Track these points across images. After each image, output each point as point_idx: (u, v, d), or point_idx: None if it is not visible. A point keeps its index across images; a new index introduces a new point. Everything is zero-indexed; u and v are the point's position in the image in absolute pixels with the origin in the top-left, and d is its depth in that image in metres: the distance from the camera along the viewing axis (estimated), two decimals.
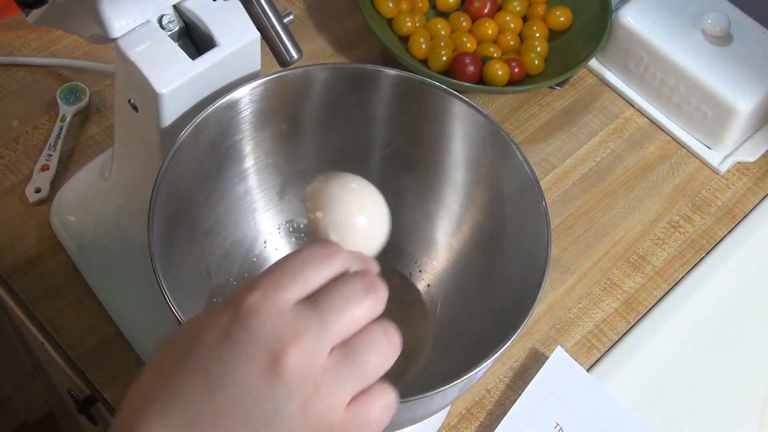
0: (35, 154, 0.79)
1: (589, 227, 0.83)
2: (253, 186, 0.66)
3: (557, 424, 0.71)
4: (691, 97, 0.86)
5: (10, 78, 0.84)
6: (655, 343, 0.77)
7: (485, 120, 0.60)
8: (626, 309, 0.79)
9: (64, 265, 0.74)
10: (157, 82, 0.55)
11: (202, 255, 0.63)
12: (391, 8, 0.88)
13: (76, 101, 0.82)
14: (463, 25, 0.89)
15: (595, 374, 0.74)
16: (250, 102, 0.59)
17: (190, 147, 0.56)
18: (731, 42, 0.86)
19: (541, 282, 0.53)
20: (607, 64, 0.92)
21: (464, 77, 0.83)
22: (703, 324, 0.78)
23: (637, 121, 0.90)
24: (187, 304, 0.57)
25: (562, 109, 0.90)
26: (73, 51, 0.86)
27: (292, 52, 0.50)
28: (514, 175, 0.59)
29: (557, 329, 0.77)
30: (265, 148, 0.64)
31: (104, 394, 0.69)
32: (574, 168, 0.86)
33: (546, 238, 0.55)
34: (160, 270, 0.50)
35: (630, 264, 0.81)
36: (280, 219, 0.68)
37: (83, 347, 0.70)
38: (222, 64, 0.57)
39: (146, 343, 0.70)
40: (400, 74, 0.61)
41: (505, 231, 0.62)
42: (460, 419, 0.71)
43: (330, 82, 0.61)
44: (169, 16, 0.57)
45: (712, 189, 0.87)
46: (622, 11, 0.88)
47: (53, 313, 0.72)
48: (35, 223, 0.76)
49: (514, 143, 0.58)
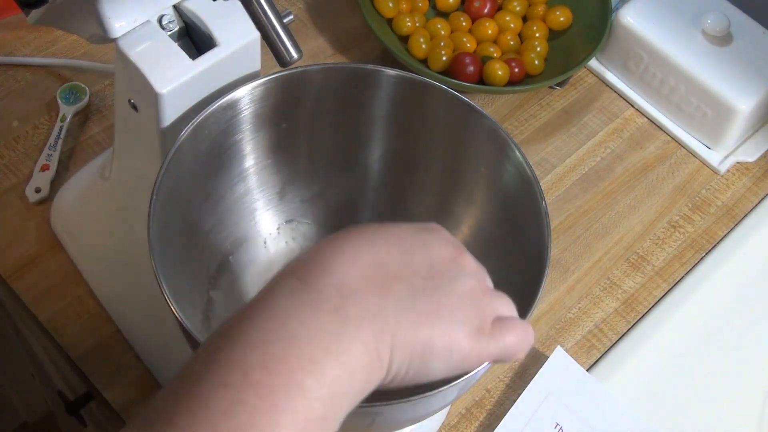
0: (35, 154, 0.79)
1: (589, 227, 0.83)
2: (253, 186, 0.66)
3: (557, 424, 0.71)
4: (691, 97, 0.86)
5: (10, 78, 0.84)
6: (655, 343, 0.77)
7: (485, 120, 0.60)
8: (626, 309, 0.79)
9: (64, 265, 0.73)
10: (157, 82, 0.55)
11: (202, 255, 0.63)
12: (391, 8, 0.88)
13: (76, 101, 0.82)
14: (463, 25, 0.89)
15: (595, 374, 0.74)
16: (250, 102, 0.59)
17: (190, 147, 0.56)
18: (731, 42, 0.86)
19: (541, 282, 0.53)
20: (607, 64, 0.92)
21: (464, 77, 0.83)
22: (702, 324, 0.78)
23: (636, 121, 0.90)
24: (187, 304, 0.57)
25: (562, 109, 0.90)
26: (73, 51, 0.86)
27: (292, 52, 0.50)
28: (514, 175, 0.59)
29: (557, 329, 0.77)
30: (265, 148, 0.64)
31: (104, 394, 0.69)
32: (574, 168, 0.86)
33: (546, 238, 0.55)
34: (160, 270, 0.50)
35: (630, 264, 0.81)
36: (280, 219, 0.68)
37: (83, 347, 0.70)
38: (222, 64, 0.57)
39: (146, 343, 0.70)
40: (400, 74, 0.61)
41: (505, 231, 0.62)
42: (460, 419, 0.71)
43: (330, 82, 0.61)
44: (169, 16, 0.57)
45: (712, 189, 0.87)
46: (622, 11, 0.88)
47: (53, 313, 0.72)
48: (35, 223, 0.76)
49: (514, 143, 0.58)
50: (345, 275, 0.39)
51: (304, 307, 0.38)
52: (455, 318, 0.41)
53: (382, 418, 0.50)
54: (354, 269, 0.40)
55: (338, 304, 0.38)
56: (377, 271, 0.40)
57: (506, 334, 0.42)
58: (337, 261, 0.40)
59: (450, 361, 0.41)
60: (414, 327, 0.39)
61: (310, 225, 0.69)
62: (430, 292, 0.41)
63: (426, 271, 0.41)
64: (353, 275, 0.39)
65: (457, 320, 0.41)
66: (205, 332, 0.62)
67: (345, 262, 0.40)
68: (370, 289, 0.39)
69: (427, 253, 0.42)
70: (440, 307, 0.40)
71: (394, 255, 0.41)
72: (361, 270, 0.40)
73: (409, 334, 0.39)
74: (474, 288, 0.42)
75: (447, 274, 0.42)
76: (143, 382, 0.69)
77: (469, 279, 0.42)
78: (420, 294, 0.40)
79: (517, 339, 0.43)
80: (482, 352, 0.42)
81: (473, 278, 0.42)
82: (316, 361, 0.37)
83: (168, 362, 0.69)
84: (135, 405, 0.68)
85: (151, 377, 0.69)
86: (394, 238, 0.42)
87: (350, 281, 0.39)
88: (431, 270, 0.41)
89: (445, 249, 0.42)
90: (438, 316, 0.40)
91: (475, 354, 0.41)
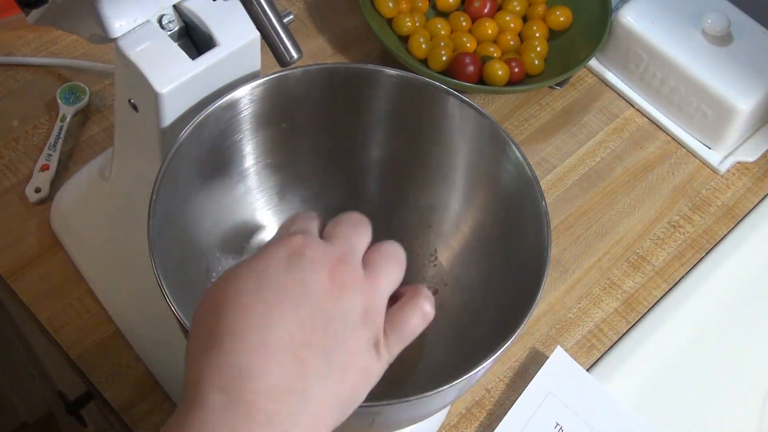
0: (35, 154, 0.79)
1: (589, 227, 0.83)
2: (253, 186, 0.66)
3: (557, 424, 0.71)
4: (691, 97, 0.86)
5: (10, 78, 0.84)
6: (655, 343, 0.77)
7: (485, 120, 0.60)
8: (626, 309, 0.79)
9: (64, 265, 0.74)
10: (157, 82, 0.55)
11: (202, 255, 0.63)
12: (391, 8, 0.88)
13: (76, 101, 0.82)
14: (463, 25, 0.89)
15: (595, 374, 0.74)
16: (250, 102, 0.59)
17: (190, 147, 0.56)
18: (731, 42, 0.86)
19: (541, 282, 0.53)
20: (607, 64, 0.92)
21: (464, 77, 0.83)
22: (702, 324, 0.78)
23: (637, 121, 0.90)
24: (187, 304, 0.57)
25: (562, 109, 0.90)
26: (73, 51, 0.86)
27: (292, 52, 0.50)
28: (514, 175, 0.59)
29: (557, 329, 0.77)
30: (265, 148, 0.64)
31: (104, 394, 0.69)
32: (574, 168, 0.86)
33: (546, 238, 0.55)
34: (160, 270, 0.50)
35: (630, 264, 0.81)
36: (280, 219, 0.68)
37: (83, 347, 0.70)
38: (222, 63, 0.57)
39: (146, 343, 0.70)
40: (400, 74, 0.61)
41: (505, 231, 0.62)
42: (460, 419, 0.71)
43: (330, 82, 0.61)
44: (169, 16, 0.57)
45: (712, 189, 0.87)
46: (622, 11, 0.88)
47: (53, 313, 0.72)
48: (35, 223, 0.76)
49: (514, 143, 0.58)
50: (266, 376, 0.39)
51: (239, 424, 0.38)
52: (361, 348, 0.42)
53: (382, 418, 0.50)
54: (271, 364, 0.40)
55: (270, 411, 0.39)
56: (288, 353, 0.40)
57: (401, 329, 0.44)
58: (251, 360, 0.39)
59: (369, 384, 0.43)
60: (338, 386, 0.41)
61: None
62: (335, 343, 0.41)
63: (320, 320, 0.41)
64: (273, 372, 0.39)
65: (363, 350, 0.42)
66: None
67: (259, 359, 0.40)
68: (292, 378, 0.40)
69: (310, 297, 0.42)
70: (348, 350, 0.42)
71: (292, 323, 0.41)
72: (276, 361, 0.40)
73: (337, 396, 0.41)
74: (360, 309, 0.43)
75: (336, 311, 0.42)
76: (143, 382, 0.69)
77: (352, 304, 0.42)
78: (329, 351, 0.41)
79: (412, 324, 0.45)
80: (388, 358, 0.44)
81: (355, 296, 0.43)
82: None
83: (168, 362, 0.69)
84: (135, 405, 0.68)
85: (151, 377, 0.69)
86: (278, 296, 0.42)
87: (272, 379, 0.39)
88: (323, 316, 0.42)
89: (320, 278, 0.42)
90: (351, 361, 0.42)
91: (384, 363, 0.44)
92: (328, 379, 0.41)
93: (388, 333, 0.44)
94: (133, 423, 0.68)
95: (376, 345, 0.43)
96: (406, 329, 0.44)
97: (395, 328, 0.44)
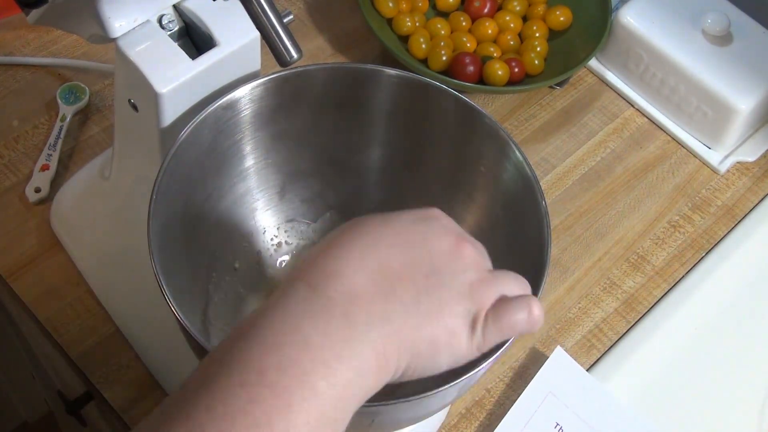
0: (35, 154, 0.79)
1: (589, 227, 0.83)
2: (253, 186, 0.66)
3: (557, 424, 0.71)
4: (691, 97, 0.86)
5: (10, 78, 0.84)
6: (655, 343, 0.77)
7: (485, 120, 0.60)
8: (626, 309, 0.79)
9: (64, 265, 0.73)
10: (157, 81, 0.55)
11: (202, 255, 0.63)
12: (391, 8, 0.88)
13: (76, 101, 0.82)
14: (463, 24, 0.89)
15: (595, 374, 0.74)
16: (250, 102, 0.59)
17: (190, 147, 0.56)
18: (731, 42, 0.86)
19: (541, 282, 0.53)
20: (607, 64, 0.92)
21: (464, 77, 0.83)
22: (702, 324, 0.78)
23: (636, 121, 0.90)
24: (187, 304, 0.57)
25: (562, 108, 0.90)
26: (73, 51, 0.86)
27: (292, 52, 0.50)
28: (514, 175, 0.59)
29: (557, 329, 0.77)
30: (265, 148, 0.64)
31: (104, 394, 0.69)
32: (574, 168, 0.86)
33: (546, 238, 0.55)
34: (160, 270, 0.50)
35: (630, 264, 0.81)
36: (280, 219, 0.68)
37: (83, 347, 0.70)
38: (222, 63, 0.57)
39: (146, 343, 0.70)
40: (400, 74, 0.61)
41: (505, 231, 0.62)
42: (460, 419, 0.71)
43: (330, 82, 0.61)
44: (169, 15, 0.57)
45: (712, 189, 0.87)
46: (622, 11, 0.88)
47: (53, 313, 0.72)
48: (35, 223, 0.76)
49: (514, 143, 0.58)
50: (353, 281, 0.41)
51: (315, 313, 0.40)
52: (455, 313, 0.43)
53: (382, 418, 0.50)
54: (360, 274, 0.42)
55: (348, 310, 0.40)
56: (382, 275, 0.42)
57: (503, 318, 0.44)
58: (344, 266, 0.42)
59: (453, 355, 0.43)
60: (418, 328, 0.42)
61: (310, 225, 0.69)
62: (431, 291, 0.42)
63: (427, 267, 0.43)
64: (360, 281, 0.41)
65: (457, 315, 0.43)
66: (205, 332, 0.62)
67: (351, 267, 0.42)
68: (377, 294, 0.41)
69: (427, 248, 0.44)
70: (441, 305, 0.42)
71: (397, 255, 0.43)
72: (367, 275, 0.42)
73: (414, 335, 0.42)
74: (472, 281, 0.44)
75: (446, 270, 0.43)
76: (143, 382, 0.69)
77: (466, 272, 0.44)
78: (422, 294, 0.42)
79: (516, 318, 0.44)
80: (481, 342, 0.44)
81: (471, 270, 0.44)
82: (329, 366, 0.39)
83: (168, 362, 0.69)
84: (135, 405, 0.68)
85: (151, 377, 0.69)
86: (395, 235, 0.44)
87: (357, 287, 0.41)
88: (431, 266, 0.43)
89: (444, 240, 0.44)
90: (440, 314, 0.42)
91: (475, 345, 0.44)
92: (411, 318, 0.41)
93: (489, 318, 0.44)
94: (133, 423, 0.68)
95: (474, 321, 0.43)
96: (508, 320, 0.44)
97: (498, 316, 0.44)
